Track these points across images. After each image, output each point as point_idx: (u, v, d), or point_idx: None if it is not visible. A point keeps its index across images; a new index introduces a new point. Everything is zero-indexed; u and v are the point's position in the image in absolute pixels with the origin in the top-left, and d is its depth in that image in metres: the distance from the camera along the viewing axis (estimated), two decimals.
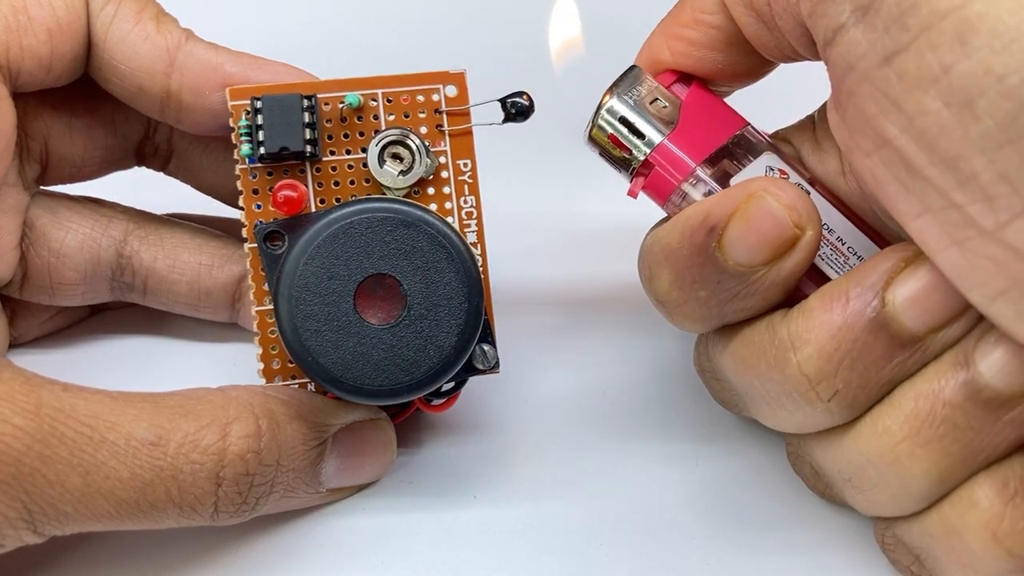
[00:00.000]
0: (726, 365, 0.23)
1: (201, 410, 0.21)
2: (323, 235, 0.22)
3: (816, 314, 0.20)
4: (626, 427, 0.27)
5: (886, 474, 0.20)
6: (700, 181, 0.22)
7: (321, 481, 0.23)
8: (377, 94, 0.24)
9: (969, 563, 0.20)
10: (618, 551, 0.23)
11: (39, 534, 0.20)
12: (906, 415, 0.20)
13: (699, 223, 0.21)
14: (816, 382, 0.20)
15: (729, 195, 0.21)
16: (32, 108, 0.25)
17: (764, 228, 0.20)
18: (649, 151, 0.23)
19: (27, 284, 0.26)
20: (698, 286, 0.21)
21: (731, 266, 0.21)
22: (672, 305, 0.22)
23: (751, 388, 0.22)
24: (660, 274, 0.22)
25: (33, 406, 0.20)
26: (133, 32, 0.24)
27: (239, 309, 0.27)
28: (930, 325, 0.20)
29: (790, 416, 0.21)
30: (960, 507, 0.20)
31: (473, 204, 0.24)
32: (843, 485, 0.22)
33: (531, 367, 0.28)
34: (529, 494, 0.25)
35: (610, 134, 0.23)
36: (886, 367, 0.20)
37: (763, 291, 0.21)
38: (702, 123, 0.23)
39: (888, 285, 0.20)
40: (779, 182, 0.21)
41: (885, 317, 0.20)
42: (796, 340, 0.20)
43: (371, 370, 0.22)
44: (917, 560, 0.22)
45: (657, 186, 0.23)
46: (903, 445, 0.20)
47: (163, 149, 0.28)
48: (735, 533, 0.24)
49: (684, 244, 0.21)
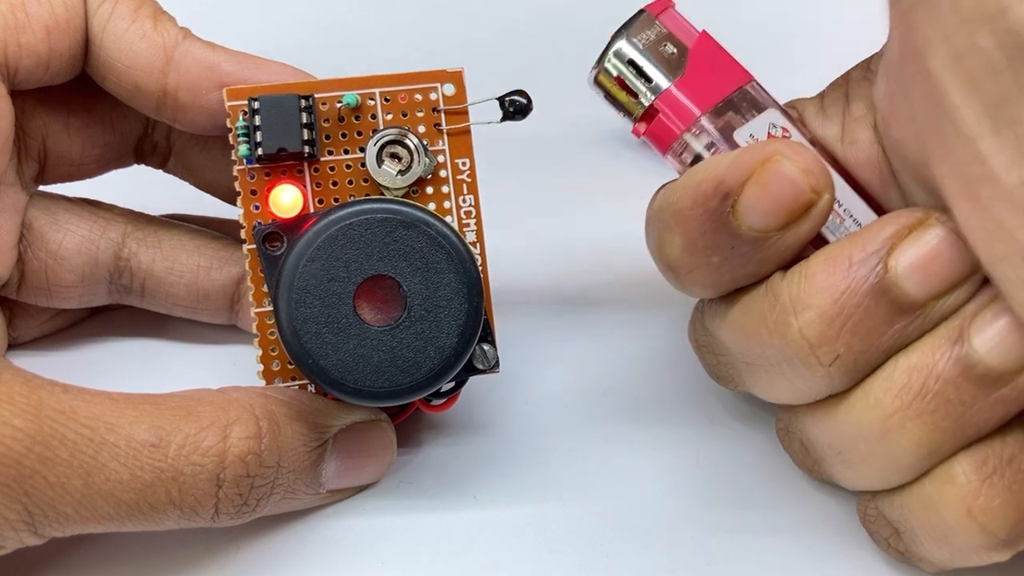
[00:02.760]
0: (725, 334, 0.22)
1: (202, 411, 0.21)
2: (322, 237, 0.22)
3: (819, 279, 0.20)
4: (626, 427, 0.27)
5: (876, 447, 0.21)
6: (703, 131, 0.22)
7: (321, 482, 0.23)
8: (375, 93, 0.24)
9: (944, 537, 0.20)
10: (618, 551, 0.23)
11: (39, 536, 0.20)
12: (899, 388, 0.20)
13: (712, 188, 0.20)
14: (817, 346, 0.20)
15: (742, 159, 0.20)
16: (30, 106, 0.25)
17: (780, 193, 0.20)
18: (655, 96, 0.22)
19: (24, 286, 0.26)
20: (711, 252, 0.21)
21: (745, 231, 0.20)
22: (683, 271, 0.22)
23: (750, 356, 0.22)
24: (671, 240, 0.22)
25: (33, 408, 0.20)
26: (130, 30, 0.24)
27: (238, 311, 0.27)
28: (931, 292, 0.20)
29: (788, 384, 0.21)
30: (939, 482, 0.20)
31: (472, 203, 0.24)
32: (833, 459, 0.22)
33: (531, 367, 0.28)
34: (529, 494, 0.25)
35: (616, 77, 0.23)
36: (887, 333, 0.20)
37: (775, 256, 0.21)
38: (708, 73, 0.23)
39: (891, 251, 0.20)
40: (794, 145, 0.20)
41: (887, 283, 0.20)
42: (798, 305, 0.20)
43: (371, 372, 0.22)
44: (895, 533, 0.22)
45: (660, 133, 0.23)
46: (895, 418, 0.20)
47: (162, 147, 0.28)
48: (735, 533, 0.24)
49: (696, 210, 0.21)
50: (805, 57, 0.26)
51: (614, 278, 0.31)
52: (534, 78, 0.26)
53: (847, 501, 0.25)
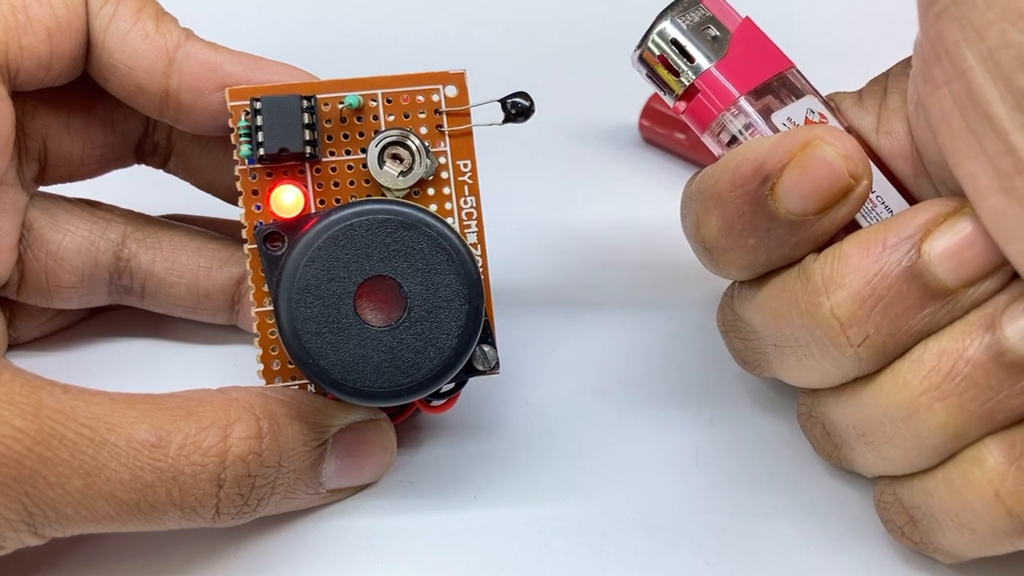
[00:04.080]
0: (755, 317, 0.23)
1: (202, 411, 0.21)
2: (323, 237, 0.22)
3: (852, 260, 0.21)
4: (626, 427, 0.27)
5: (902, 428, 0.21)
6: (742, 112, 0.23)
7: (321, 482, 0.23)
8: (377, 94, 0.24)
9: (968, 522, 0.20)
10: (618, 551, 0.24)
11: (39, 536, 0.20)
12: (928, 370, 0.20)
13: (752, 171, 0.21)
14: (848, 326, 0.21)
15: (783, 142, 0.21)
16: (30, 107, 0.25)
17: (820, 177, 0.20)
18: (696, 76, 0.23)
19: (24, 286, 0.26)
20: (747, 233, 0.22)
21: (783, 214, 0.21)
22: (719, 252, 0.23)
23: (779, 338, 0.22)
24: (708, 221, 0.22)
25: (33, 408, 0.20)
26: (132, 31, 0.24)
27: (238, 311, 0.27)
28: (962, 279, 0.20)
29: (816, 365, 0.22)
30: (966, 465, 0.20)
31: (473, 205, 0.24)
32: (855, 442, 0.22)
33: (531, 367, 0.28)
34: (529, 494, 0.25)
35: (659, 55, 0.23)
36: (916, 317, 0.20)
37: (811, 239, 0.21)
38: (750, 57, 0.23)
39: (925, 237, 0.20)
40: (834, 131, 0.21)
41: (920, 267, 0.20)
42: (830, 285, 0.21)
43: (371, 372, 0.22)
44: (911, 521, 0.22)
45: (699, 112, 0.23)
46: (922, 398, 0.20)
47: (162, 147, 0.28)
48: (735, 533, 0.24)
49: (736, 191, 0.21)
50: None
51: (614, 279, 0.31)
52: (535, 80, 0.26)
53: (849, 503, 0.25)
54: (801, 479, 0.25)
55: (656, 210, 0.31)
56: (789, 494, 0.25)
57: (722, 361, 0.28)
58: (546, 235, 0.33)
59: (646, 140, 0.37)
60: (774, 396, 0.27)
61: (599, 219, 0.33)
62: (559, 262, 0.32)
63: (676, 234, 0.25)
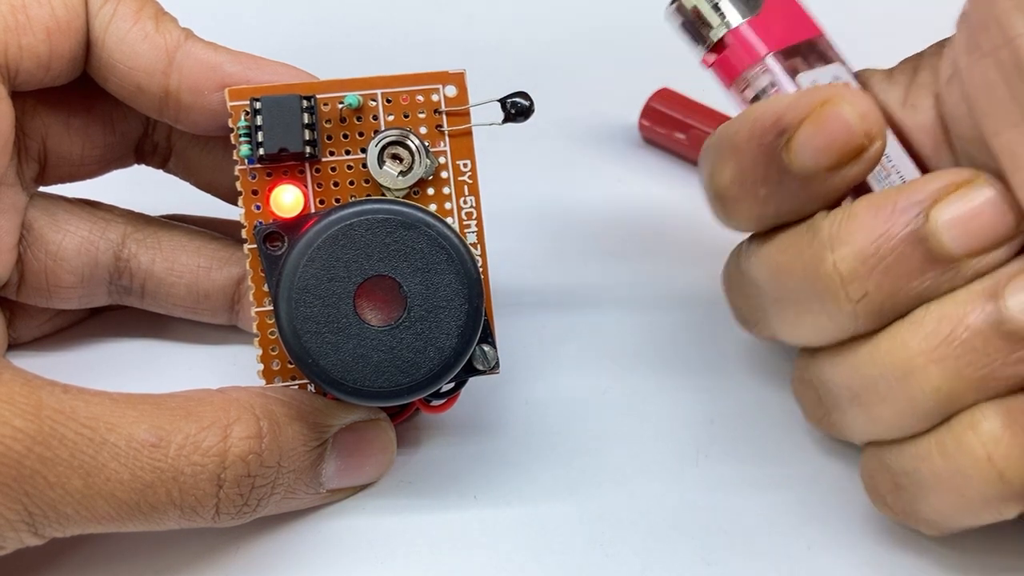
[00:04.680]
0: (759, 270, 0.23)
1: (202, 411, 0.21)
2: (323, 237, 0.22)
3: (861, 219, 0.21)
4: (626, 427, 0.27)
5: (896, 388, 0.21)
6: (768, 71, 0.23)
7: (321, 482, 0.23)
8: (376, 94, 0.24)
9: (957, 486, 0.21)
10: (618, 551, 0.24)
11: (39, 536, 0.20)
12: (927, 332, 0.20)
13: (770, 123, 0.21)
14: (848, 281, 0.21)
15: (803, 98, 0.21)
16: (30, 107, 0.25)
17: (834, 133, 0.21)
18: (727, 30, 0.24)
19: (24, 286, 0.26)
20: (759, 184, 0.22)
21: (796, 168, 0.21)
22: (730, 200, 0.23)
23: (781, 292, 0.23)
24: (723, 169, 0.23)
25: (33, 408, 0.20)
26: (132, 31, 0.24)
27: (238, 311, 0.27)
28: (967, 249, 0.20)
29: (815, 320, 0.22)
30: (960, 428, 0.20)
31: (473, 204, 0.24)
32: (847, 405, 0.22)
33: (531, 367, 0.28)
34: (529, 494, 0.25)
35: (693, 7, 0.24)
36: (916, 281, 0.21)
37: (821, 195, 0.22)
38: (782, 19, 0.24)
39: (935, 204, 0.21)
40: (854, 91, 0.21)
41: (926, 232, 0.20)
42: (835, 240, 0.21)
43: (371, 372, 0.22)
44: (895, 489, 0.22)
45: (727, 66, 0.24)
46: (919, 359, 0.20)
47: (162, 147, 0.28)
48: (736, 533, 0.24)
49: (752, 142, 0.22)
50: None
51: (614, 279, 0.31)
52: (535, 80, 0.26)
53: (849, 503, 0.25)
54: (801, 479, 0.25)
55: (656, 210, 0.31)
56: (789, 494, 0.25)
57: (722, 361, 0.28)
58: (546, 235, 0.33)
59: (646, 140, 0.37)
60: (774, 396, 0.27)
61: (599, 219, 0.33)
62: (559, 262, 0.32)
63: (676, 234, 0.25)
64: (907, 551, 0.24)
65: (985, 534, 0.22)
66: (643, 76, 0.37)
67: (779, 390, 0.27)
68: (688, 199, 0.34)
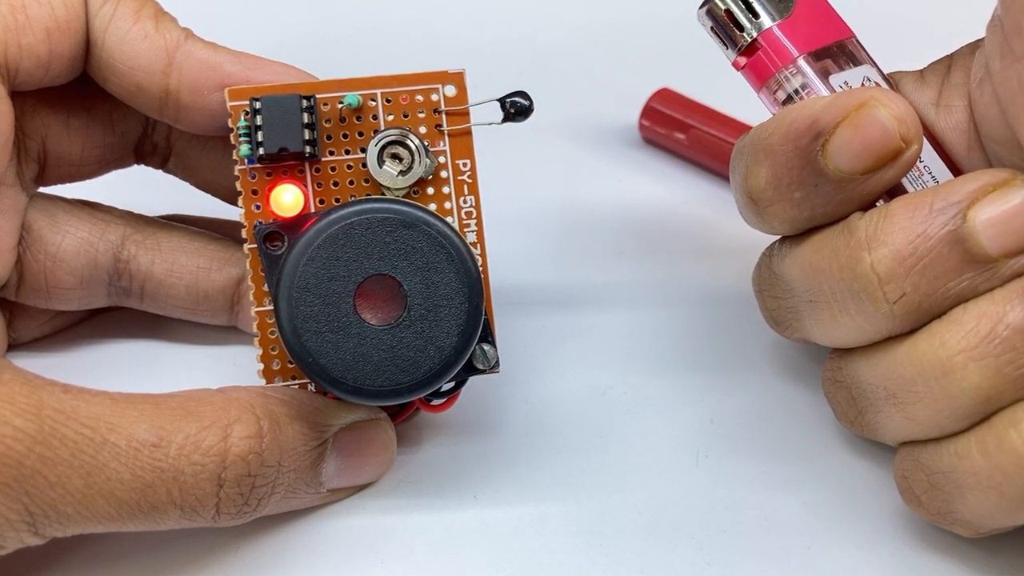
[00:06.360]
0: (793, 272, 0.23)
1: (202, 411, 0.21)
2: (323, 236, 0.22)
3: (897, 219, 0.21)
4: (626, 427, 0.27)
5: (934, 387, 0.21)
6: (799, 72, 0.23)
7: (322, 481, 0.23)
8: (376, 94, 0.24)
9: (998, 485, 0.20)
10: (618, 551, 0.24)
11: (40, 536, 0.20)
12: (966, 331, 0.20)
13: (806, 127, 0.21)
14: (885, 282, 0.21)
15: (839, 101, 0.21)
16: (30, 107, 0.25)
17: (871, 137, 0.21)
18: (759, 32, 0.24)
19: (23, 287, 0.26)
20: (794, 187, 0.22)
21: (832, 171, 0.21)
22: (765, 203, 0.23)
23: (816, 294, 0.22)
24: (757, 172, 0.23)
25: (34, 408, 0.20)
26: (132, 31, 0.24)
27: (238, 312, 0.27)
28: (1005, 249, 0.20)
29: (851, 321, 0.22)
30: (1001, 426, 0.20)
31: (473, 204, 0.24)
32: (883, 404, 0.22)
33: (531, 367, 0.28)
34: (529, 494, 0.25)
35: (725, 10, 0.24)
36: (954, 281, 0.21)
37: (856, 198, 0.22)
38: (813, 21, 0.24)
39: (971, 204, 0.21)
40: (890, 93, 0.21)
41: (963, 233, 0.20)
42: (873, 241, 0.21)
43: (371, 371, 0.22)
44: (931, 489, 0.22)
45: (759, 68, 0.24)
46: (958, 358, 0.20)
47: (162, 147, 0.28)
48: (736, 533, 0.24)
49: (788, 145, 0.22)
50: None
51: (614, 278, 0.31)
52: (535, 80, 0.26)
53: (849, 503, 0.25)
54: (801, 479, 0.25)
55: (656, 210, 0.31)
56: (789, 494, 0.25)
57: (722, 361, 0.28)
58: (546, 234, 0.33)
59: (646, 140, 0.37)
60: (775, 396, 0.27)
61: (599, 219, 0.33)
62: (559, 262, 0.32)
63: (676, 234, 0.25)
64: (908, 550, 0.24)
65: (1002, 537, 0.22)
66: (643, 76, 0.37)
67: (779, 390, 0.27)
68: (688, 199, 0.34)
